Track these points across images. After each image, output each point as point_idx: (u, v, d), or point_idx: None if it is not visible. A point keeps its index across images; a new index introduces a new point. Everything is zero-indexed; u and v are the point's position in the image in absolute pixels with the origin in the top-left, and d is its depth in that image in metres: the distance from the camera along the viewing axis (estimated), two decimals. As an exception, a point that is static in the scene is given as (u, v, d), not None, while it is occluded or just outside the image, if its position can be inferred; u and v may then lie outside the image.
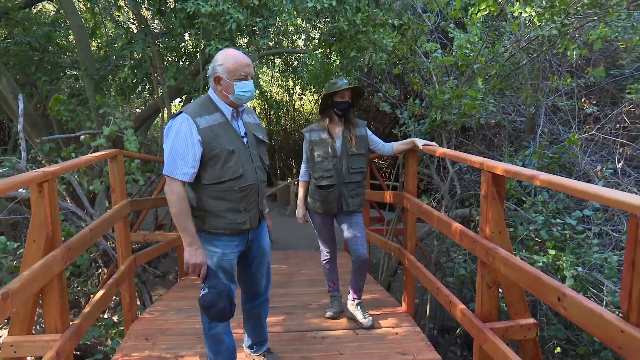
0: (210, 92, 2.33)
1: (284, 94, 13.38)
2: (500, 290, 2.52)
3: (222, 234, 2.33)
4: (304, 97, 13.20)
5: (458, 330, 5.00)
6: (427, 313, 4.94)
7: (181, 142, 2.15)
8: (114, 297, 5.80)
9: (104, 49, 8.83)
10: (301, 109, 13.56)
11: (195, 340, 3.28)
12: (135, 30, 5.90)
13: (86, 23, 8.50)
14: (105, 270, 6.06)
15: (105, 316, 5.82)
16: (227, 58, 2.23)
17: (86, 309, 2.69)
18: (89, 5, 8.24)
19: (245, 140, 2.35)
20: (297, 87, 12.75)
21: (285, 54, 9.05)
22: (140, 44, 4.91)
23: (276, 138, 13.61)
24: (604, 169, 3.87)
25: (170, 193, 2.17)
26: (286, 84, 13.04)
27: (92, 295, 5.79)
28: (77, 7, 8.34)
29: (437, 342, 5.49)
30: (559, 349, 3.99)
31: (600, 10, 3.87)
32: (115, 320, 5.14)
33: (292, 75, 9.39)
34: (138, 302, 5.67)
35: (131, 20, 8.38)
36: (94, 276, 6.12)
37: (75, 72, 7.23)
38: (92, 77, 6.15)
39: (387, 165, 11.55)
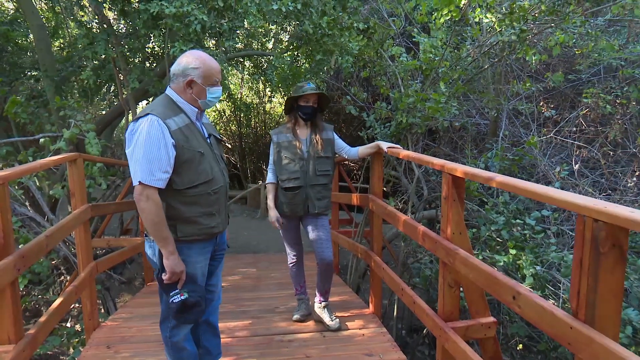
0: (171, 93, 2.21)
1: (254, 97, 13.30)
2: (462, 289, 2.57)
3: (195, 241, 2.24)
4: (274, 99, 13.16)
5: (425, 330, 5.07)
6: (395, 314, 4.99)
7: (154, 145, 2.02)
8: (77, 305, 5.64)
9: (67, 50, 8.58)
10: (272, 112, 13.50)
11: (159, 347, 3.21)
12: (97, 31, 5.75)
13: (48, 22, 8.24)
14: (68, 277, 5.88)
15: (69, 325, 5.65)
16: (202, 62, 2.16)
17: (42, 318, 2.60)
18: (50, 4, 8.00)
19: (209, 141, 2.31)
20: (267, 90, 12.70)
21: (255, 56, 9.00)
22: (103, 45, 4.79)
23: (246, 141, 13.50)
24: (560, 170, 4.01)
25: (146, 201, 2.02)
26: (256, 87, 12.97)
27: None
28: (37, 6, 8.08)
29: (405, 342, 5.55)
30: (521, 346, 4.10)
31: (557, 17, 4.01)
32: (78, 329, 5.00)
33: (262, 78, 9.35)
34: (102, 310, 5.53)
35: (96, 21, 8.18)
36: (55, 284, 5.92)
37: (35, 73, 6.99)
38: (53, 79, 5.96)
39: (357, 167, 11.63)
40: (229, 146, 13.37)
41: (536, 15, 3.98)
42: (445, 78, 4.39)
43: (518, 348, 4.13)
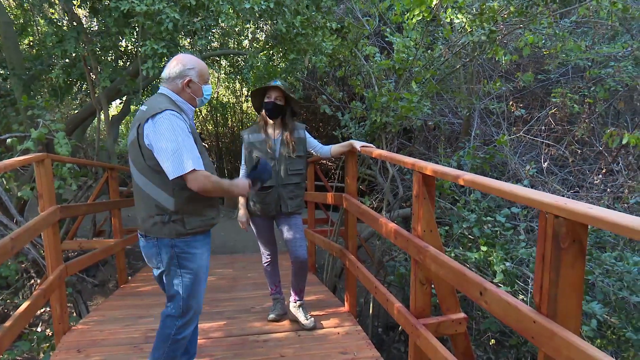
0: (169, 93, 2.29)
1: (231, 96, 13.21)
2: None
3: (199, 232, 2.32)
4: (250, 99, 13.08)
5: (401, 327, 5.12)
6: (371, 312, 5.03)
7: (186, 135, 2.14)
8: (48, 309, 5.50)
9: (37, 48, 8.36)
10: (249, 111, 13.42)
11: (130, 350, 3.17)
12: (67, 29, 5.62)
13: (16, 20, 8.02)
14: (38, 280, 5.73)
15: (39, 329, 5.50)
16: (195, 62, 2.31)
17: (8, 323, 2.53)
18: (18, 1, 7.77)
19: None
20: (244, 89, 12.61)
21: (232, 56, 8.92)
22: (73, 43, 4.68)
23: (223, 140, 13.39)
24: (529, 168, 4.10)
25: (209, 181, 2.14)
26: (233, 86, 12.88)
27: (23, 308, 5.43)
28: (5, 2, 7.84)
29: (381, 339, 5.59)
30: (493, 341, 4.18)
31: (525, 18, 4.10)
32: (49, 334, 4.89)
33: (239, 77, 9.28)
34: (74, 313, 5.41)
35: (66, 18, 7.99)
36: (25, 287, 5.77)
37: (2, 72, 6.78)
38: (20, 77, 5.80)
39: (335, 167, 11.66)
40: (206, 146, 13.26)
41: (505, 16, 4.06)
42: (418, 78, 4.43)
43: (490, 343, 4.21)
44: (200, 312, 2.46)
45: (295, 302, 3.54)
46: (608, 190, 4.20)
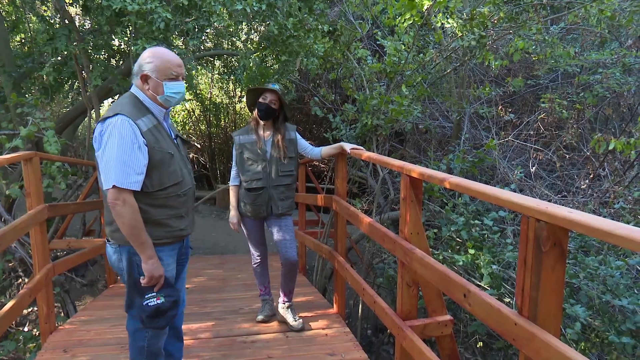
0: (136, 92, 2.14)
1: (224, 97, 13.19)
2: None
3: (164, 244, 2.18)
4: (244, 99, 13.07)
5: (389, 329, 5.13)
6: (360, 314, 5.04)
7: (127, 147, 1.95)
8: (35, 309, 5.47)
9: (28, 45, 8.30)
10: (242, 112, 13.40)
11: (118, 350, 3.16)
12: (59, 26, 5.59)
13: (8, 16, 7.96)
14: (26, 279, 5.69)
15: (26, 329, 5.47)
16: (156, 56, 2.10)
17: (-8, 322, 2.52)
18: (9, -2, 7.71)
19: (176, 142, 2.27)
20: (238, 90, 12.60)
21: (226, 56, 8.92)
22: (64, 41, 4.66)
23: (216, 141, 13.36)
24: (517, 172, 4.15)
25: (123, 205, 1.96)
26: (227, 87, 12.86)
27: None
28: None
29: (371, 341, 5.61)
30: (481, 344, 4.21)
31: (515, 24, 4.15)
32: (36, 333, 4.85)
33: (232, 78, 9.28)
34: (62, 313, 5.38)
35: (58, 16, 7.94)
36: (12, 286, 5.72)
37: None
38: (11, 74, 5.76)
39: (328, 169, 11.67)
40: (198, 146, 13.20)
41: (495, 21, 4.10)
42: (409, 81, 4.47)
43: (478, 346, 4.24)
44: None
45: (284, 304, 3.54)
46: (594, 195, 4.26)
